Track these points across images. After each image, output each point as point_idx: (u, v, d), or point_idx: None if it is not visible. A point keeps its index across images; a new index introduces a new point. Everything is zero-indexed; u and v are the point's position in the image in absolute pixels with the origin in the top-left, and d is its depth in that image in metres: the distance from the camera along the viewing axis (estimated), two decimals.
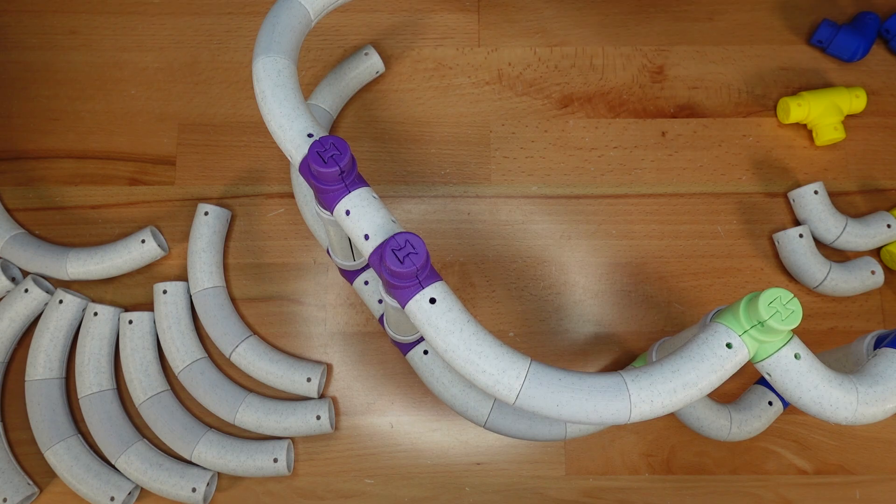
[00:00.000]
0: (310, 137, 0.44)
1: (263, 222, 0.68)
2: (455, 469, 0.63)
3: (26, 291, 0.62)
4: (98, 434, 0.60)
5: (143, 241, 0.64)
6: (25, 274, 0.66)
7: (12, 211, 0.68)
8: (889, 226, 0.65)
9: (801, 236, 0.64)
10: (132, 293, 0.66)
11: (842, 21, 0.73)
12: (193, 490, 0.58)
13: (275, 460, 0.59)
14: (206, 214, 0.64)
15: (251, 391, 0.62)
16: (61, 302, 0.62)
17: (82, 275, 0.64)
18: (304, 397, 0.63)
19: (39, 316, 0.64)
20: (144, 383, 0.61)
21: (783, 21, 0.74)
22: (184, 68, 0.72)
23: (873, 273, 0.64)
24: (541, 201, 0.68)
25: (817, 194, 0.65)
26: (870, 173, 0.69)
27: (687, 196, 0.69)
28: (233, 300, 0.66)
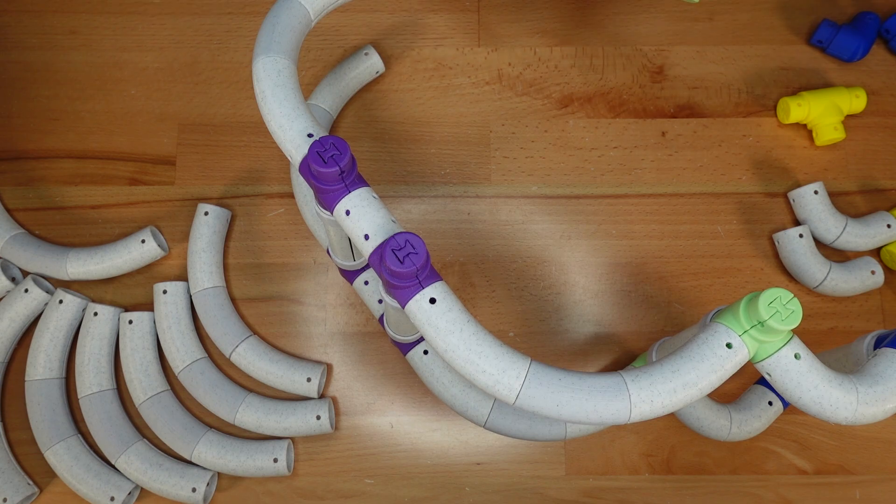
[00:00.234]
0: (310, 137, 0.44)
1: (263, 222, 0.68)
2: (455, 469, 0.63)
3: (26, 291, 0.62)
4: (98, 434, 0.60)
5: (143, 241, 0.64)
6: (25, 274, 0.66)
7: (12, 211, 0.68)
8: (889, 226, 0.65)
9: (801, 236, 0.64)
10: (132, 293, 0.66)
11: (842, 21, 0.73)
12: (193, 490, 0.58)
13: (275, 460, 0.59)
14: (206, 214, 0.65)
15: (251, 391, 0.62)
16: (61, 302, 0.62)
17: (82, 275, 0.64)
18: (304, 397, 0.63)
19: (39, 316, 0.64)
20: (144, 383, 0.61)
21: (783, 21, 0.74)
22: (184, 68, 0.72)
23: (873, 273, 0.64)
24: (541, 201, 0.68)
25: (817, 194, 0.65)
26: (870, 173, 0.69)
27: (687, 196, 0.69)
28: (233, 300, 0.66)
